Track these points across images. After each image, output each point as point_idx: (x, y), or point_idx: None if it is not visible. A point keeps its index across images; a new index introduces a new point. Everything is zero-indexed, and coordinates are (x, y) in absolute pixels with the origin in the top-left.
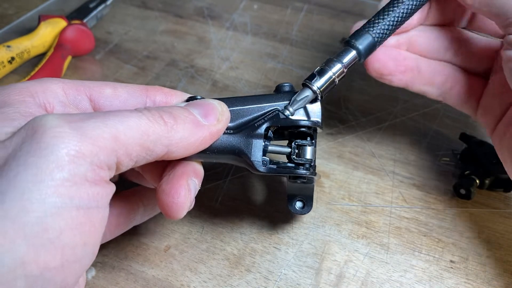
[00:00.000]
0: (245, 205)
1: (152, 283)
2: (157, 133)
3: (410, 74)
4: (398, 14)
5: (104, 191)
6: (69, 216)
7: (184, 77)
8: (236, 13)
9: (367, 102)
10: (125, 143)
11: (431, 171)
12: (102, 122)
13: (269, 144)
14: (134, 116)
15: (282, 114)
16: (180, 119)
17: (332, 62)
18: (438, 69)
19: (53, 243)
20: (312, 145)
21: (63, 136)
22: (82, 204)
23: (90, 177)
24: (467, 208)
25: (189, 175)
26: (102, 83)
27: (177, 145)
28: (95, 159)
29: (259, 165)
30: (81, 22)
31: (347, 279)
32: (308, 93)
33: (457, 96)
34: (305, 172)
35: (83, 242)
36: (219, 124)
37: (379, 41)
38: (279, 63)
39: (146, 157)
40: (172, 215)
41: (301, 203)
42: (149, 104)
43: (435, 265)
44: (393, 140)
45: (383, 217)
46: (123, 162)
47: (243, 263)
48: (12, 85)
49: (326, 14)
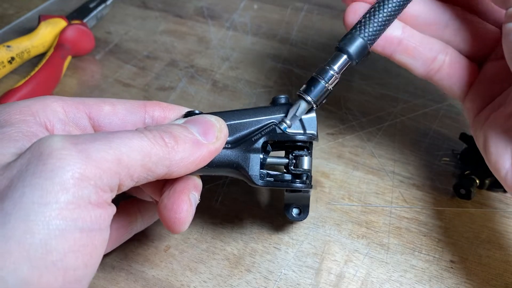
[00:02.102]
0: (245, 205)
1: (152, 283)
2: (159, 154)
3: (385, 43)
4: (386, 13)
5: (106, 213)
6: (72, 239)
7: (184, 77)
8: (236, 13)
9: (367, 102)
10: (127, 165)
11: (431, 171)
12: (106, 144)
13: (267, 157)
14: (136, 138)
15: (278, 128)
16: (180, 139)
17: (323, 70)
18: (426, 42)
19: (56, 265)
20: (309, 155)
21: (69, 159)
22: (85, 227)
23: (94, 199)
24: (467, 208)
25: (190, 189)
26: (101, 100)
27: (177, 166)
28: (98, 182)
29: (256, 179)
30: (81, 22)
31: (347, 279)
32: (303, 105)
33: (447, 77)
34: (302, 186)
35: (84, 264)
36: (218, 142)
37: (370, 42)
38: (279, 63)
39: (147, 177)
40: (175, 230)
41: (298, 210)
42: (148, 120)
43: (435, 265)
44: (393, 140)
45: (383, 217)
46: (125, 183)
47: (243, 263)
48: (12, 103)
49: (326, 14)
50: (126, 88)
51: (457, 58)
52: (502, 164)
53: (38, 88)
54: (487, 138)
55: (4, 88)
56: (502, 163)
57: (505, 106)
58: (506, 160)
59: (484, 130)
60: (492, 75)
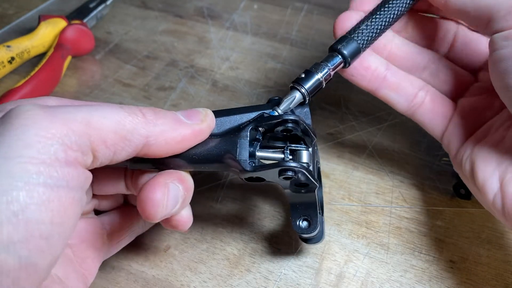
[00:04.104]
0: (245, 205)
1: (152, 283)
2: (134, 123)
3: (371, 77)
4: (382, 21)
5: (75, 172)
6: (36, 192)
7: (184, 77)
8: (236, 13)
9: (367, 102)
10: (98, 127)
11: (431, 171)
12: (75, 108)
13: (258, 149)
14: (110, 107)
15: (268, 115)
16: (160, 113)
17: (319, 65)
18: (408, 79)
19: (17, 215)
20: (307, 149)
21: (34, 118)
22: (50, 182)
23: (61, 157)
24: (467, 208)
25: (171, 177)
26: (97, 103)
27: (156, 138)
28: (66, 139)
29: (245, 163)
30: (81, 22)
31: (347, 279)
32: (296, 94)
33: (429, 112)
34: (295, 165)
35: (50, 220)
36: (203, 124)
37: (363, 46)
38: (279, 63)
39: (124, 147)
40: (147, 213)
41: (307, 223)
42: None
43: (435, 265)
44: (393, 140)
45: (383, 217)
46: (99, 148)
47: (243, 263)
48: (11, 101)
49: (326, 14)
50: (126, 88)
51: (436, 94)
52: (489, 187)
53: (38, 88)
54: (474, 165)
55: (4, 88)
56: (489, 186)
57: (490, 136)
58: (493, 182)
59: (471, 158)
60: (469, 111)
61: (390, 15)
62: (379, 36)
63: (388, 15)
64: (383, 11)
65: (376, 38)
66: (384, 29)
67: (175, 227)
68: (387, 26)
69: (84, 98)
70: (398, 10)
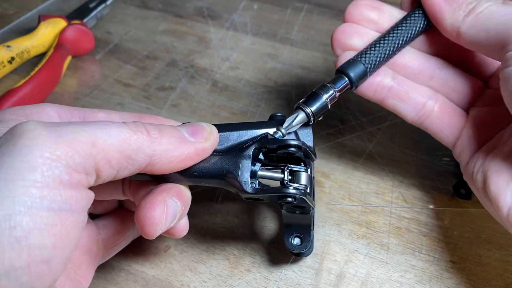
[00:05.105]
0: (245, 205)
1: (152, 283)
2: (139, 142)
3: (377, 87)
4: (390, 46)
5: (79, 195)
6: (39, 217)
7: (184, 77)
8: (236, 13)
9: (367, 102)
10: (103, 148)
11: (431, 171)
12: (80, 127)
13: (260, 168)
14: (115, 126)
15: (272, 136)
16: (165, 132)
17: (325, 87)
18: (415, 89)
19: (20, 242)
20: (307, 171)
21: (38, 138)
22: (54, 206)
23: (66, 179)
24: (467, 208)
25: (170, 193)
26: (96, 109)
27: (160, 157)
28: (70, 161)
29: (246, 185)
30: (81, 22)
31: (347, 279)
32: (301, 115)
33: (438, 122)
34: (295, 192)
35: (52, 244)
36: (206, 143)
37: (370, 70)
38: (279, 63)
39: (128, 166)
40: (145, 231)
41: (299, 240)
42: None
43: (435, 265)
44: (393, 140)
45: (383, 217)
46: (103, 169)
47: (243, 263)
48: (9, 108)
49: (326, 14)
50: (126, 88)
51: (446, 103)
52: (503, 200)
53: (38, 88)
54: (486, 177)
55: (4, 88)
56: (503, 199)
57: (503, 146)
58: (508, 195)
59: (483, 170)
60: (482, 121)
61: (399, 40)
62: (387, 60)
63: (397, 41)
64: (391, 36)
65: (384, 63)
66: (392, 54)
67: (171, 235)
68: (395, 51)
69: (84, 98)
70: (407, 36)
